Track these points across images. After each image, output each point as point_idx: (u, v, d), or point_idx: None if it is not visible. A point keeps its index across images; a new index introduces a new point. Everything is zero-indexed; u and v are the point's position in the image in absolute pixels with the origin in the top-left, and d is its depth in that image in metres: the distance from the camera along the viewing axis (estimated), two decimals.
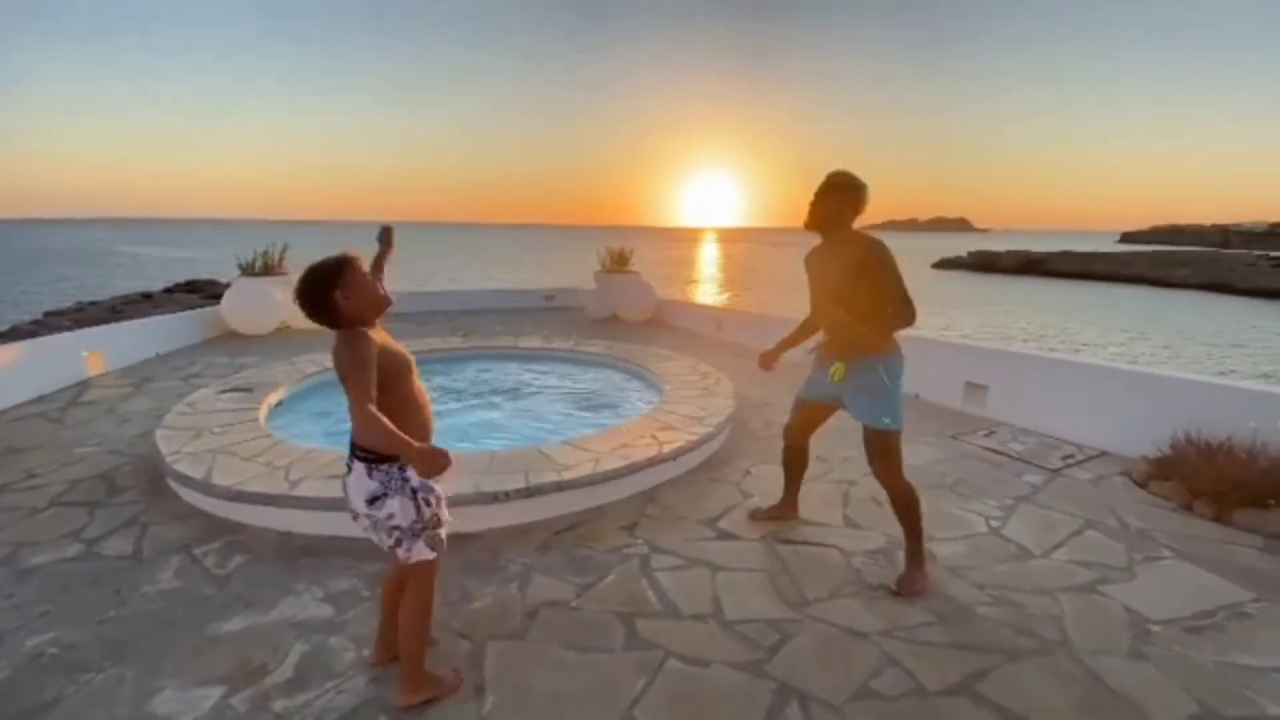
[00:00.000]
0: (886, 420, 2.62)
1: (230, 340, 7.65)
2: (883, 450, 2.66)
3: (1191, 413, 3.71)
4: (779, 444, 4.30)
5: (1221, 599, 2.55)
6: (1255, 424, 3.40)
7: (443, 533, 1.94)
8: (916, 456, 4.07)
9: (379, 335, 1.85)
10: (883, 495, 3.48)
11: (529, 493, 3.13)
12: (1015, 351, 5.40)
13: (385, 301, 1.87)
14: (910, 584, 2.62)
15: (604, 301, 9.80)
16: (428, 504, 1.88)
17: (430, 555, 1.91)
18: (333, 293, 1.77)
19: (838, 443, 3.79)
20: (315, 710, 1.95)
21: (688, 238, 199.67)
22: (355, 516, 1.88)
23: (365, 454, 1.83)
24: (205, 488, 3.19)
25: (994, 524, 3.20)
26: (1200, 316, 26.34)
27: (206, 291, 18.94)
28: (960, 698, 2.03)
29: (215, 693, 2.02)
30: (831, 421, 2.98)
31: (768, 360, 3.03)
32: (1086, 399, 4.42)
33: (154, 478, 3.62)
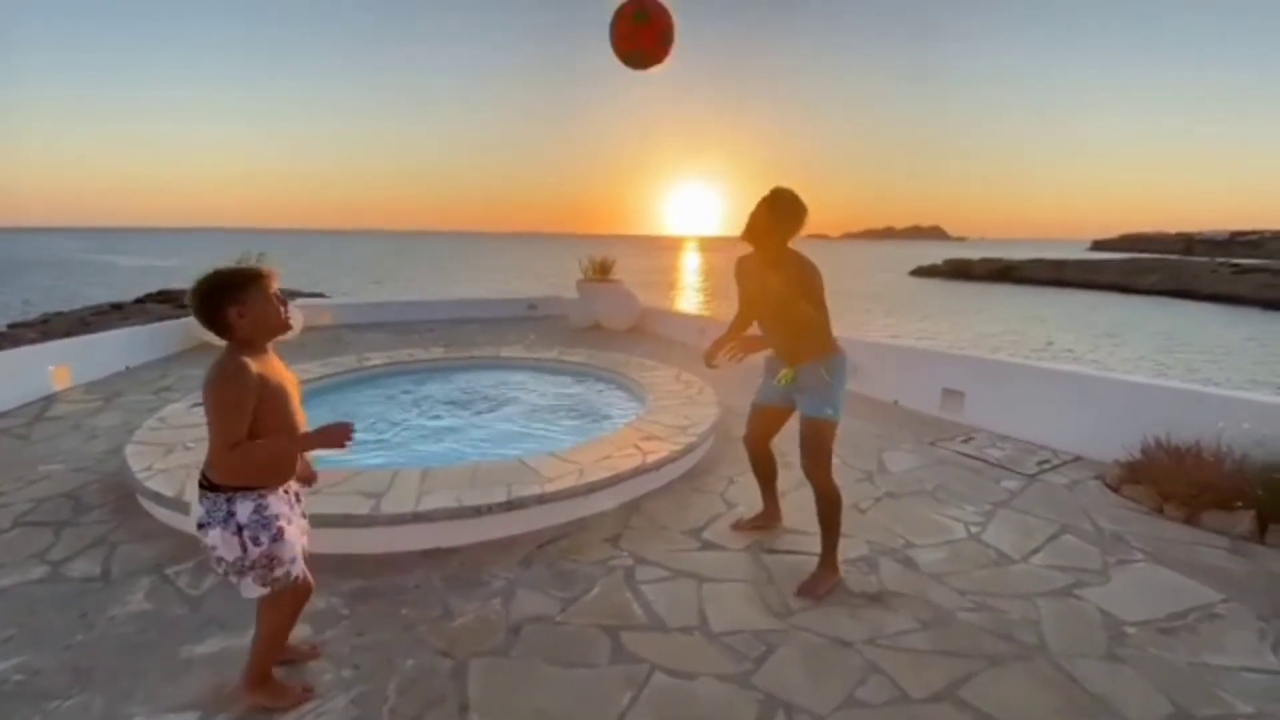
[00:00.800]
0: (829, 411, 2.71)
1: (204, 352, 7.48)
2: (816, 441, 2.72)
3: (1161, 417, 3.80)
4: None
5: (1192, 600, 2.61)
6: (1222, 425, 3.49)
7: (289, 571, 1.85)
8: (896, 463, 4.12)
9: (265, 363, 1.76)
10: (865, 502, 3.54)
11: (511, 506, 3.10)
12: (991, 358, 5.50)
13: (283, 327, 1.79)
14: (817, 587, 2.67)
15: (586, 310, 9.79)
16: (255, 543, 1.76)
17: (261, 593, 1.84)
18: (227, 307, 1.69)
19: None
20: None
21: (671, 246, 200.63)
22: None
23: (202, 479, 1.76)
24: (178, 505, 3.11)
25: (973, 530, 3.24)
26: (1167, 321, 27.08)
27: (180, 301, 18.55)
28: (944, 704, 2.04)
29: (188, 718, 1.96)
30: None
31: (710, 358, 3.00)
32: (1060, 404, 4.51)
33: (124, 496, 3.52)
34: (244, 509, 1.75)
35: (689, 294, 43.36)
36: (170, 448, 3.80)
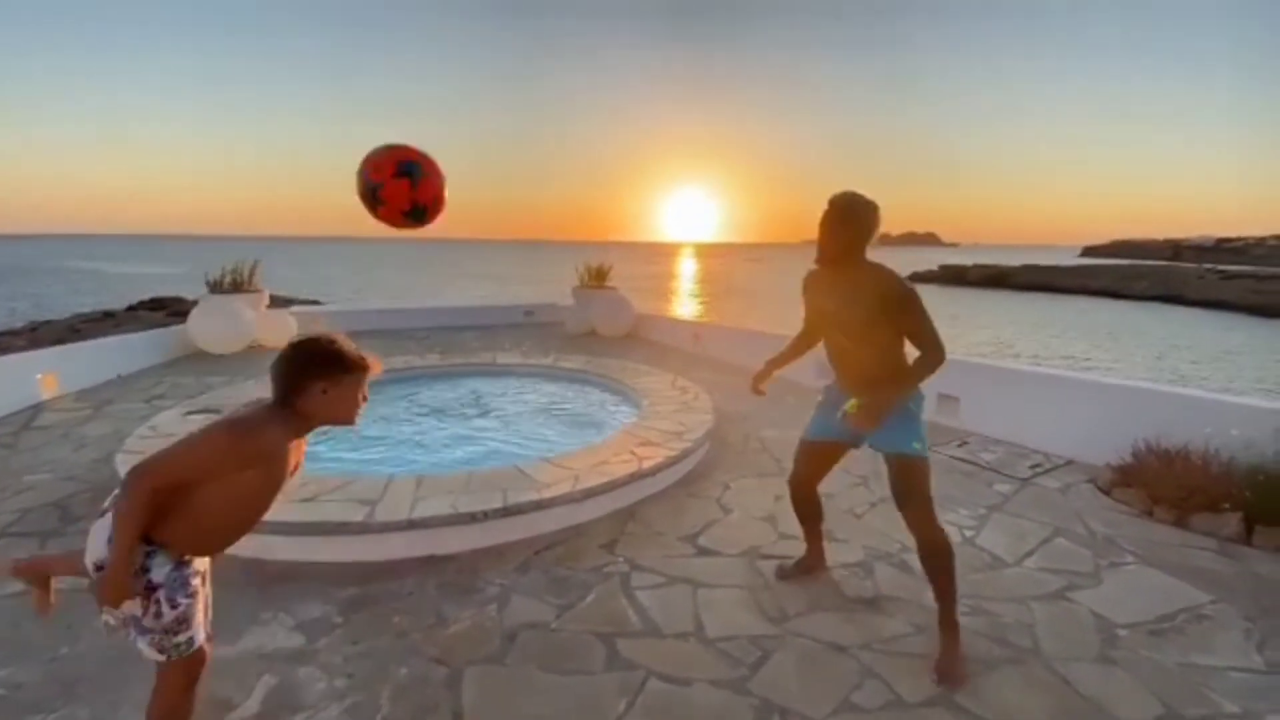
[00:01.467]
0: (916, 445, 2.29)
1: (197, 360, 7.44)
2: (913, 483, 2.30)
3: (1152, 421, 3.83)
4: (758, 458, 4.36)
5: (1182, 602, 2.63)
6: (1209, 430, 3.53)
7: (192, 637, 1.61)
8: None
9: (296, 452, 1.64)
10: (861, 507, 3.54)
11: (507, 512, 3.10)
12: (984, 363, 5.53)
13: (349, 423, 1.65)
14: (950, 668, 2.18)
15: (582, 317, 9.80)
16: (172, 606, 1.54)
17: (157, 657, 1.59)
18: (318, 380, 1.56)
19: None
20: None
21: (667, 252, 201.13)
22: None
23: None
24: None
25: (968, 534, 3.25)
26: (1160, 327, 27.33)
27: (173, 309, 18.44)
28: (938, 708, 2.05)
29: None
30: (797, 435, 2.96)
31: (759, 381, 2.79)
32: (1053, 408, 4.55)
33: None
34: (160, 568, 1.54)
35: (685, 300, 43.44)
36: None
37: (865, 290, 2.25)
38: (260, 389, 5.42)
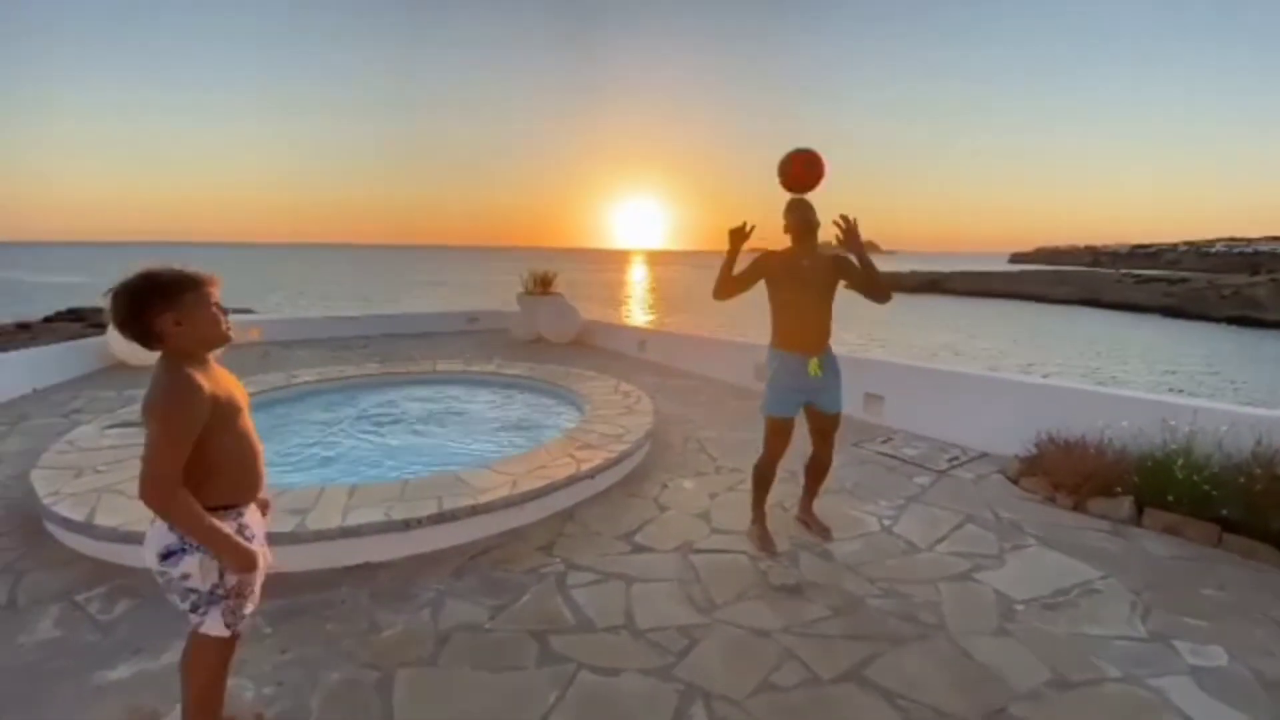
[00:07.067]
0: (843, 403, 3.19)
1: (118, 372, 7.10)
2: (836, 429, 3.22)
3: (1055, 415, 4.15)
4: (697, 458, 4.49)
5: (1075, 578, 2.88)
6: (1103, 423, 3.85)
7: (246, 608, 1.70)
8: None
9: (211, 377, 1.59)
10: (789, 501, 3.70)
11: (442, 518, 3.12)
12: (907, 363, 5.84)
13: (223, 339, 1.62)
14: (822, 527, 3.33)
15: (528, 323, 9.80)
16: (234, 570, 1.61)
17: (224, 632, 1.66)
18: (162, 314, 1.50)
19: (748, 453, 3.97)
20: None
21: (617, 259, 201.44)
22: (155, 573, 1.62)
23: None
24: (88, 530, 2.98)
25: (886, 523, 3.45)
26: (1081, 328, 29.10)
27: (92, 320, 17.42)
28: (850, 684, 2.19)
29: None
30: (741, 436, 3.15)
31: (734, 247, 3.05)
32: (969, 405, 4.85)
33: (29, 522, 3.34)
34: (227, 530, 1.59)
35: (632, 306, 43.65)
36: (80, 471, 3.63)
37: (824, 261, 3.04)
38: None
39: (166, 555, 1.57)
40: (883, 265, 3.12)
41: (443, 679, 2.21)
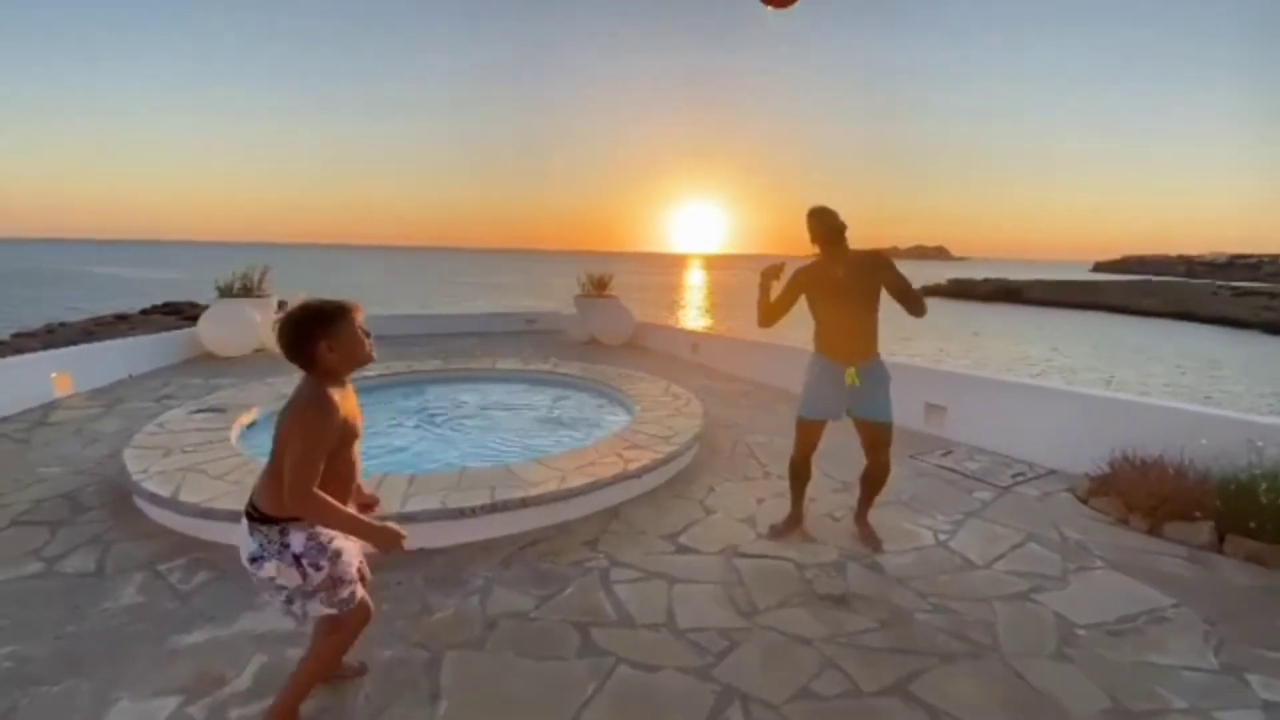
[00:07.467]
0: (892, 413, 3.09)
1: (206, 362, 7.64)
2: (888, 440, 3.13)
3: (1131, 432, 3.90)
4: (745, 463, 4.46)
5: (1144, 604, 2.70)
6: (1183, 442, 3.60)
7: (354, 591, 1.87)
8: None
9: (345, 399, 1.77)
10: (840, 511, 3.63)
11: (494, 508, 3.21)
12: (972, 374, 5.61)
13: (368, 360, 1.81)
14: (872, 539, 3.23)
15: (583, 325, 9.95)
16: (316, 568, 1.76)
17: (329, 610, 1.83)
18: (319, 340, 1.70)
19: None
20: None
21: (673, 264, 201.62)
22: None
23: (251, 509, 1.76)
24: (173, 505, 3.23)
25: (942, 537, 3.33)
26: (1170, 343, 27.16)
27: (185, 313, 18.77)
28: (893, 698, 2.13)
29: (172, 702, 2.06)
30: (785, 442, 3.13)
31: (768, 282, 3.14)
32: (1038, 420, 4.62)
33: (121, 497, 3.65)
34: (298, 539, 1.74)
35: (685, 310, 43.58)
36: (168, 451, 3.93)
37: (860, 266, 2.98)
38: (264, 391, 5.57)
39: (253, 560, 1.75)
40: (954, 272, 3.05)
41: (488, 663, 2.28)
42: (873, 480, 3.27)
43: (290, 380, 5.76)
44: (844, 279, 2.99)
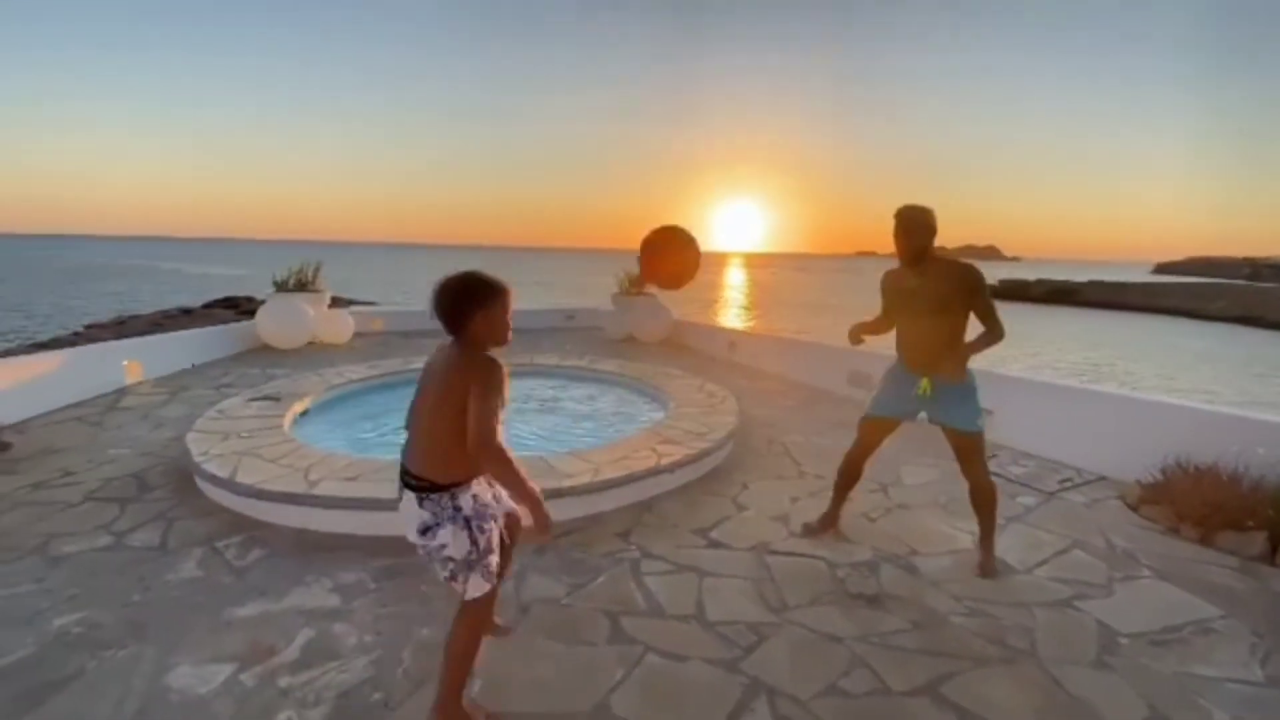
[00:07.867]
0: (980, 423, 2.92)
1: (263, 353, 8.01)
2: (978, 450, 2.94)
3: (1183, 438, 3.75)
4: (780, 462, 4.45)
5: (1191, 615, 2.61)
6: (1238, 449, 3.43)
7: (493, 561, 1.85)
8: (913, 477, 4.16)
9: None
10: (876, 512, 3.60)
11: None
12: (1019, 377, 5.44)
13: (505, 342, 1.86)
14: (988, 567, 2.95)
15: (621, 322, 10.02)
16: (481, 531, 1.79)
17: (486, 588, 1.83)
18: (476, 310, 1.75)
19: (833, 459, 3.89)
20: (317, 687, 2.12)
21: (713, 262, 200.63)
22: (415, 547, 1.82)
23: (415, 482, 1.77)
24: (230, 486, 3.42)
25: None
26: (1239, 349, 25.71)
27: (243, 307, 19.61)
28: (923, 698, 2.12)
29: (227, 669, 2.20)
30: (827, 442, 3.11)
31: (855, 336, 3.19)
32: (1087, 424, 4.47)
33: (183, 477, 3.87)
34: (467, 502, 1.77)
35: (724, 308, 43.28)
36: (226, 435, 4.15)
37: (940, 279, 2.80)
38: (316, 382, 5.79)
39: (424, 530, 1.76)
40: (1006, 272, 2.97)
41: (520, 646, 2.36)
42: (975, 502, 3.00)
43: (340, 373, 5.94)
44: (917, 290, 2.86)
